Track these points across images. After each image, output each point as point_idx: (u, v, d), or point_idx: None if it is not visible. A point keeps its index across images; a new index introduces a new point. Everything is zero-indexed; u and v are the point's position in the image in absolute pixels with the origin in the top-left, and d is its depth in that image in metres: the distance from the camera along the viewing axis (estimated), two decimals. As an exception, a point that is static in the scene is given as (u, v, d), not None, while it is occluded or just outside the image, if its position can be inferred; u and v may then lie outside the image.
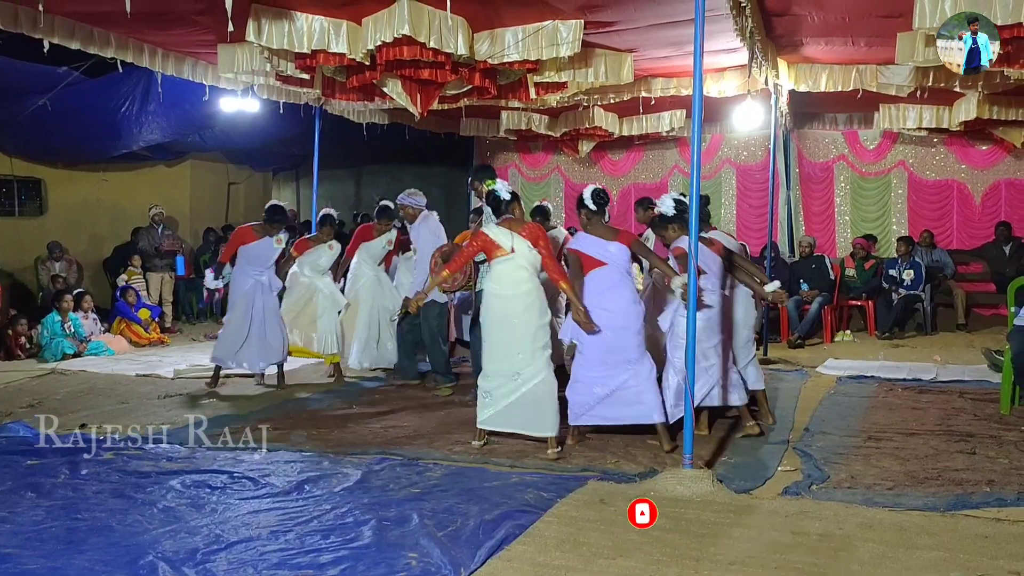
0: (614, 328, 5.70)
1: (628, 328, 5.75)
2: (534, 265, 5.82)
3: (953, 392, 7.64)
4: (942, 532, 4.18)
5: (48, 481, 5.04)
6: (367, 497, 4.74)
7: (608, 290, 5.73)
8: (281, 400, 7.57)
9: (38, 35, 6.90)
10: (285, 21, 6.97)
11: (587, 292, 5.76)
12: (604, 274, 5.75)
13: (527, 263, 5.80)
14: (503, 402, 5.72)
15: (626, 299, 5.75)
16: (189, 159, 14.61)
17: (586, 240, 5.87)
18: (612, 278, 5.74)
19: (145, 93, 10.53)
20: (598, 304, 5.69)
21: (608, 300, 5.71)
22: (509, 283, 5.78)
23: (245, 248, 8.01)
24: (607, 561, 3.83)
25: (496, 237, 5.85)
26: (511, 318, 5.73)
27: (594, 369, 5.78)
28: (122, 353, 10.30)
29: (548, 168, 15.24)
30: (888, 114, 11.39)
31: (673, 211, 6.01)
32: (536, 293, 5.79)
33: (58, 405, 7.36)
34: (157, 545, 4.01)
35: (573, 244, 6.06)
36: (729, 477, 5.06)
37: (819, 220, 13.58)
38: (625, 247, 5.81)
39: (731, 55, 8.67)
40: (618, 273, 5.77)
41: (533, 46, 7.35)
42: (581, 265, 5.84)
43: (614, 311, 5.70)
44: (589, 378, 5.80)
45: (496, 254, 5.84)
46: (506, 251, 5.79)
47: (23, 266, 12.11)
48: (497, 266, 5.86)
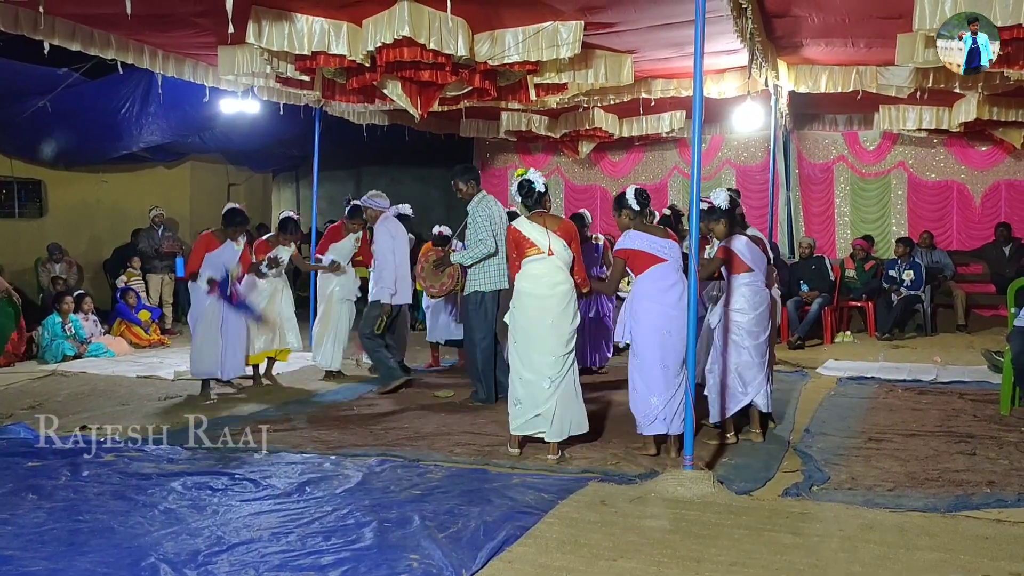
0: (677, 329, 5.37)
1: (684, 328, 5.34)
2: (569, 265, 5.62)
3: (953, 393, 7.64)
4: (942, 533, 4.18)
5: (49, 483, 5.04)
6: (368, 499, 4.74)
7: (671, 287, 5.45)
8: (281, 402, 7.57)
9: (38, 37, 6.92)
10: (285, 23, 6.99)
11: (644, 291, 5.47)
12: (663, 271, 5.48)
13: (563, 262, 5.59)
14: (533, 411, 5.50)
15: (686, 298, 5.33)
16: (189, 160, 14.63)
17: (640, 237, 5.55)
18: (672, 276, 5.48)
19: (145, 94, 10.55)
20: (659, 301, 5.42)
21: (670, 297, 5.42)
22: (547, 283, 5.54)
23: (210, 255, 7.71)
24: (608, 562, 3.83)
25: (529, 234, 5.61)
26: (547, 319, 5.49)
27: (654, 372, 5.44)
28: (122, 354, 10.30)
29: (548, 169, 15.22)
30: (888, 115, 11.42)
31: (727, 204, 5.87)
32: (572, 294, 5.60)
33: (59, 407, 7.36)
34: (158, 547, 4.01)
35: (624, 244, 5.60)
36: (730, 478, 5.06)
37: (819, 221, 13.60)
38: (677, 244, 5.60)
39: (731, 56, 8.69)
40: (676, 271, 5.51)
41: (533, 47, 7.36)
42: (626, 268, 5.60)
43: (678, 309, 5.38)
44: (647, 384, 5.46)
45: (529, 252, 5.60)
46: (541, 250, 5.56)
47: (23, 268, 12.11)
48: (531, 264, 5.60)
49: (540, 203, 5.80)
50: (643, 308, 5.48)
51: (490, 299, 7.20)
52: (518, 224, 5.68)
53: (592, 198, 14.81)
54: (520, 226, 5.65)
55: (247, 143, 13.68)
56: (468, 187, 7.25)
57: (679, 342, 5.37)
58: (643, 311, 5.48)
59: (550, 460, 5.48)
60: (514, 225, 5.73)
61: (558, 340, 5.50)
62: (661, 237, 5.57)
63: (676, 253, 5.56)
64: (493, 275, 7.18)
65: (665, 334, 5.40)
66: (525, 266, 5.63)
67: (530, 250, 5.59)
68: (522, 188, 5.78)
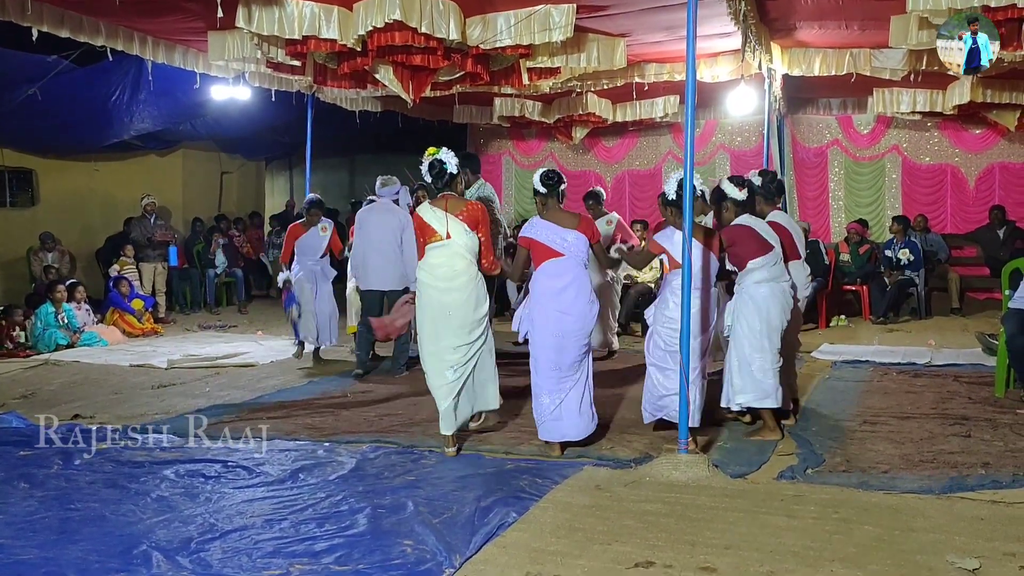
0: (564, 334, 5.14)
1: (581, 331, 5.18)
2: (472, 252, 5.32)
3: (948, 376, 7.64)
4: (937, 515, 4.18)
5: (41, 472, 5.02)
6: (362, 485, 4.73)
7: (565, 288, 5.16)
8: (275, 389, 7.55)
9: (26, 23, 6.87)
10: (275, 7, 6.93)
11: (538, 290, 5.22)
12: (557, 267, 5.19)
13: (465, 250, 5.29)
14: (444, 404, 5.31)
15: (584, 297, 5.18)
16: (181, 148, 14.55)
17: (541, 226, 5.27)
18: (567, 274, 5.18)
19: (136, 81, 10.47)
20: (553, 303, 5.16)
21: (564, 299, 5.15)
22: (444, 274, 5.28)
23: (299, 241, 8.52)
24: (602, 546, 3.83)
25: (429, 219, 5.31)
26: (446, 310, 5.26)
27: (548, 374, 5.23)
28: (115, 343, 10.26)
29: (542, 155, 15.20)
30: (882, 98, 11.39)
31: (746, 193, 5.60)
32: (475, 283, 5.31)
33: (51, 396, 7.33)
34: (151, 535, 4.00)
35: (524, 231, 5.36)
36: (724, 462, 5.06)
37: (813, 205, 13.59)
38: (585, 237, 5.23)
39: (724, 39, 8.65)
40: (575, 267, 5.20)
41: (525, 31, 7.31)
42: (529, 256, 5.33)
43: (574, 311, 5.15)
44: (539, 384, 5.26)
45: (431, 239, 5.32)
46: (440, 236, 5.28)
47: (15, 257, 12.05)
48: (431, 252, 5.33)
49: (449, 186, 5.41)
50: (537, 309, 5.21)
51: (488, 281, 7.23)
52: (420, 210, 5.41)
53: (587, 184, 14.63)
54: (422, 212, 5.37)
55: (239, 130, 13.62)
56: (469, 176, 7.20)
57: (575, 345, 5.16)
58: (537, 312, 5.21)
59: (448, 452, 5.28)
60: (417, 211, 5.46)
61: (460, 329, 5.27)
62: (567, 228, 5.21)
63: (580, 247, 5.21)
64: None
65: (560, 338, 5.14)
66: (427, 253, 5.36)
67: (432, 237, 5.31)
68: (432, 168, 5.41)
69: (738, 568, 3.57)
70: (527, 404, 5.57)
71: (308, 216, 8.65)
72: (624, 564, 3.63)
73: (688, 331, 5.00)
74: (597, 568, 3.60)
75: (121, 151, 13.15)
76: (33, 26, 6.91)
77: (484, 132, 15.08)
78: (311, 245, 8.54)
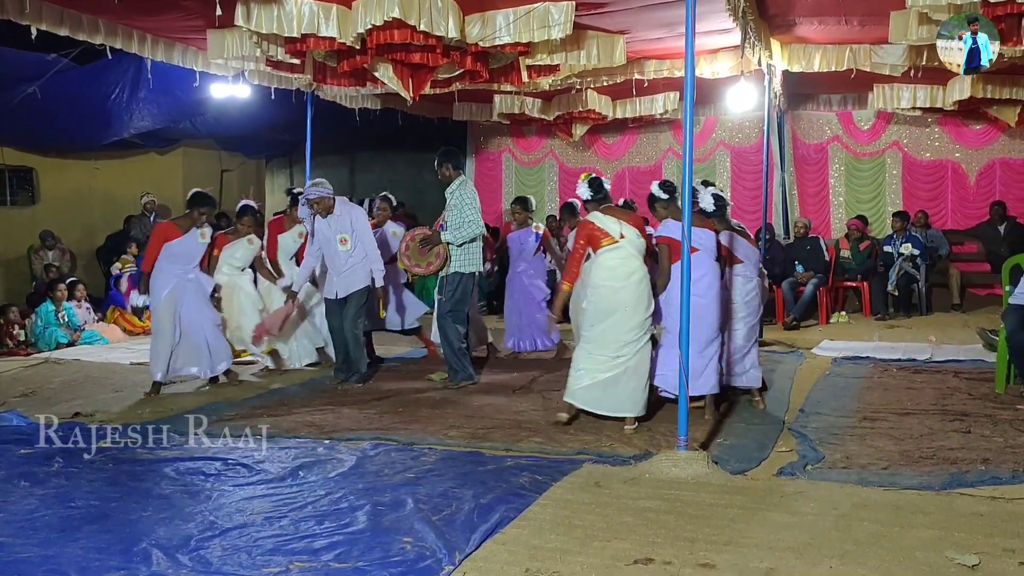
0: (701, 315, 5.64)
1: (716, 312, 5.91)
2: (642, 252, 5.79)
3: (948, 372, 7.64)
4: (937, 511, 4.17)
5: (41, 470, 5.02)
6: (362, 482, 4.73)
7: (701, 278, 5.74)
8: (274, 387, 7.55)
9: (25, 22, 6.85)
10: (274, 5, 6.93)
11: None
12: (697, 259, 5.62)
13: (636, 250, 5.76)
14: (590, 379, 5.72)
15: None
16: (181, 147, 14.56)
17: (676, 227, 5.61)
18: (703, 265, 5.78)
19: (135, 80, 10.48)
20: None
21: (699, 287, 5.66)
22: (621, 273, 5.71)
23: (169, 245, 7.16)
24: (602, 543, 3.82)
25: (603, 224, 5.80)
26: (622, 308, 5.67)
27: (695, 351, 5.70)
28: (116, 342, 10.28)
29: (542, 152, 15.19)
30: (882, 94, 11.37)
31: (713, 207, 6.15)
32: (646, 282, 5.74)
33: (52, 394, 7.35)
34: (151, 533, 3.99)
35: (664, 232, 5.91)
36: (724, 458, 5.05)
37: (814, 201, 13.57)
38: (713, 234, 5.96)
39: (724, 36, 8.64)
40: (710, 259, 5.87)
41: (524, 28, 7.31)
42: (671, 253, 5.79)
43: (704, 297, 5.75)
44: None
45: (603, 243, 5.78)
46: (614, 238, 5.74)
47: (15, 256, 12.06)
48: (605, 255, 5.78)
49: (608, 199, 6.00)
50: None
51: (468, 280, 7.31)
52: (591, 217, 5.87)
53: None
54: (594, 218, 5.84)
55: (239, 128, 13.60)
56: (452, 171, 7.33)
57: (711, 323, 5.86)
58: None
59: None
60: (587, 218, 5.91)
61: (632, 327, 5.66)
62: (703, 227, 5.85)
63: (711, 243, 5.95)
64: (475, 257, 7.30)
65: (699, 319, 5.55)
66: (598, 257, 5.80)
67: (604, 240, 5.76)
68: (593, 184, 5.96)
69: (737, 564, 3.57)
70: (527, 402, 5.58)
71: (239, 225, 8.06)
72: (623, 561, 3.62)
73: (688, 323, 5.04)
74: (596, 565, 3.60)
75: (121, 149, 13.16)
76: (32, 24, 6.90)
77: (484, 129, 15.06)
78: (188, 252, 7.26)
